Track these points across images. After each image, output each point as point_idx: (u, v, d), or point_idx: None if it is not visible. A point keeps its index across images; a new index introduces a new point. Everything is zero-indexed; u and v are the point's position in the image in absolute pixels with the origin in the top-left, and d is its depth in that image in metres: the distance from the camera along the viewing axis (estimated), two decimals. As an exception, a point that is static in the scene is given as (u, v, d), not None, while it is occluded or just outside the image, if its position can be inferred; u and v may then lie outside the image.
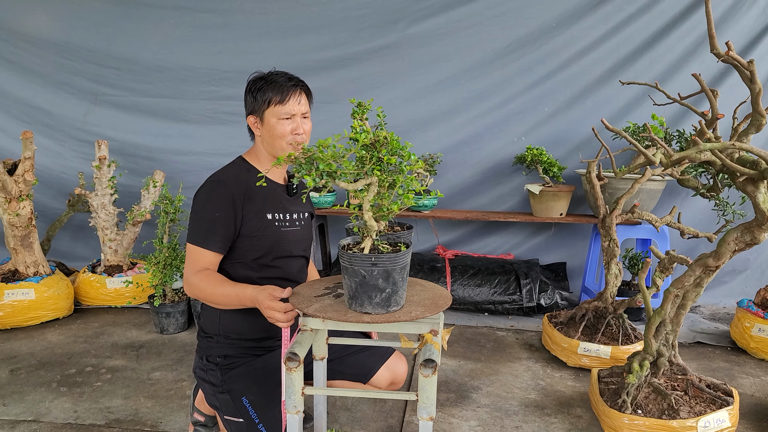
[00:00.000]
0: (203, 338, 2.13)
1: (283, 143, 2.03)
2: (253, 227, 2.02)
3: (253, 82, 2.06)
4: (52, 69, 4.56)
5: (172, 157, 4.62)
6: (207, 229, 1.97)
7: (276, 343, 2.14)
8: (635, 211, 3.26)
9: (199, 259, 1.97)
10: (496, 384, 3.04)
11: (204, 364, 2.10)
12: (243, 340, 2.08)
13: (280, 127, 2.01)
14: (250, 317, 2.04)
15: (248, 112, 2.09)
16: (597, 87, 4.21)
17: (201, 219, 1.99)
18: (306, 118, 2.09)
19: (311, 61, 4.38)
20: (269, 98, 2.01)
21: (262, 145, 2.10)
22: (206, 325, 2.12)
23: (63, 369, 3.14)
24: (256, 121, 2.07)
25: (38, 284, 3.73)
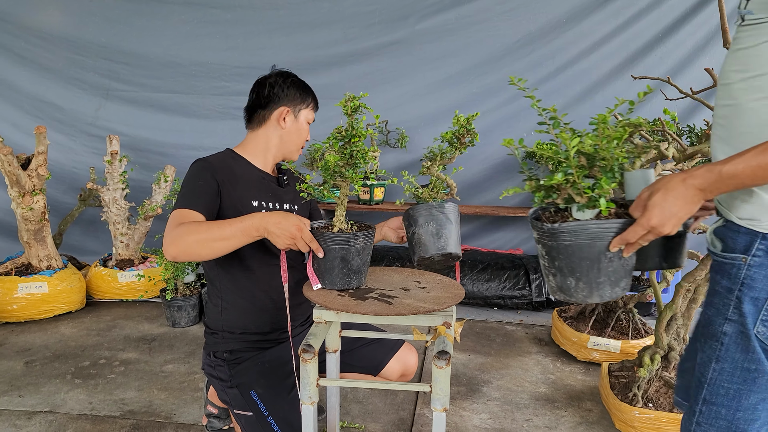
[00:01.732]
0: (209, 334, 2.12)
1: (299, 146, 2.09)
2: (237, 213, 1.92)
3: (291, 77, 2.06)
4: (64, 65, 4.59)
5: (183, 152, 4.65)
6: (191, 194, 1.87)
7: (282, 336, 2.13)
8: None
9: (182, 218, 1.78)
10: (506, 378, 3.06)
11: (211, 361, 2.09)
12: (248, 334, 2.08)
13: (305, 130, 2.08)
14: (253, 311, 2.05)
15: (279, 103, 2.01)
16: (607, 82, 4.21)
17: (185, 188, 1.90)
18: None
19: (322, 57, 4.40)
20: (310, 100, 2.06)
21: (275, 138, 2.06)
22: (210, 321, 2.11)
23: (77, 361, 3.17)
24: (286, 114, 2.02)
25: (51, 278, 3.76)
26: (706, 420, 1.31)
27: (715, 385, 1.29)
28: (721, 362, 1.27)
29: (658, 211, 1.17)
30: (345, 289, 1.70)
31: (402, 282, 1.84)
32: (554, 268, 1.30)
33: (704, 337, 1.32)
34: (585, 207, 1.25)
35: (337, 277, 1.67)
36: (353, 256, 1.65)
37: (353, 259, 1.65)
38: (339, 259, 1.64)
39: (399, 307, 1.60)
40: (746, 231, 1.23)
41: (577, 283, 1.27)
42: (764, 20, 1.15)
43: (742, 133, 1.21)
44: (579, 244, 1.23)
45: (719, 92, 1.30)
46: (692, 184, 1.15)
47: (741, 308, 1.23)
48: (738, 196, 1.24)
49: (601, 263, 1.24)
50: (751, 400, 1.25)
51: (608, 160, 1.25)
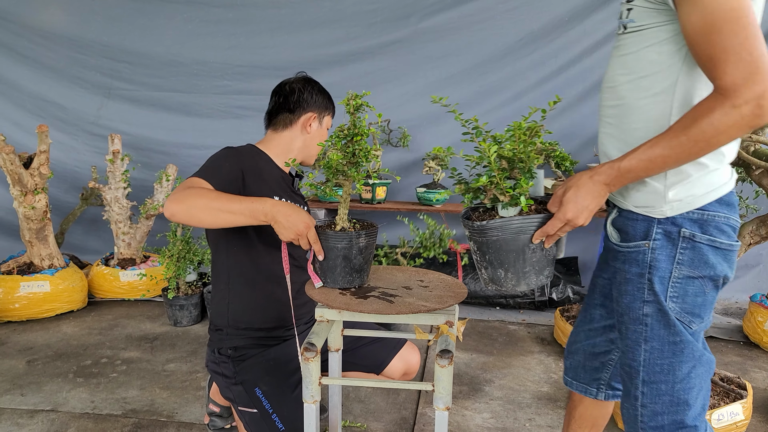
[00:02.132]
0: (214, 331, 2.14)
1: (316, 152, 2.14)
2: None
3: (318, 85, 2.13)
4: (66, 64, 4.59)
5: (185, 151, 4.65)
6: (211, 170, 1.87)
7: (287, 333, 2.14)
8: (648, 205, 3.25)
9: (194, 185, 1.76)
10: (508, 377, 3.05)
11: (216, 357, 2.10)
12: (253, 330, 2.08)
13: (325, 136, 2.14)
14: (260, 305, 2.06)
15: (307, 109, 2.08)
16: (609, 81, 4.20)
17: (208, 164, 1.91)
18: None
19: (324, 55, 4.39)
20: (332, 108, 2.15)
21: (296, 142, 2.10)
22: (215, 316, 2.12)
23: (79, 360, 3.17)
24: (313, 119, 2.09)
25: (53, 277, 3.77)
26: (650, 400, 1.42)
27: (650, 364, 1.40)
28: (650, 342, 1.39)
29: (572, 206, 1.31)
30: (347, 288, 1.69)
31: (405, 281, 1.84)
32: (485, 262, 1.43)
33: (625, 325, 1.44)
34: (508, 205, 1.37)
35: (339, 276, 1.67)
36: (355, 255, 1.64)
37: (355, 257, 1.65)
38: (341, 257, 1.63)
39: (401, 305, 1.59)
40: (643, 218, 1.37)
41: (506, 274, 1.40)
42: (646, 27, 1.30)
43: (633, 129, 1.35)
44: (505, 239, 1.36)
45: (605, 94, 1.46)
46: (599, 180, 1.30)
47: (654, 289, 1.37)
48: (632, 187, 1.38)
49: (526, 254, 1.37)
50: (684, 369, 1.38)
51: (526, 162, 1.38)
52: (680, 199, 1.33)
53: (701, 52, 1.18)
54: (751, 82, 1.11)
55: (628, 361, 1.45)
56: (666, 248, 1.35)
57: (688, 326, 1.37)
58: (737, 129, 1.15)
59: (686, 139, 1.19)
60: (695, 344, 1.39)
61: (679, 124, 1.21)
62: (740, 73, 1.12)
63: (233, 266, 2.04)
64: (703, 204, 1.32)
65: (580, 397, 1.83)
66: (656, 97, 1.32)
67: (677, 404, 1.40)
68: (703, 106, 1.18)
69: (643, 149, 1.25)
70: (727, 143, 1.19)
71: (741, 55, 1.12)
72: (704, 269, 1.35)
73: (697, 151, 1.20)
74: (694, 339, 1.38)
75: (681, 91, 1.28)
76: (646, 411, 1.43)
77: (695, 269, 1.35)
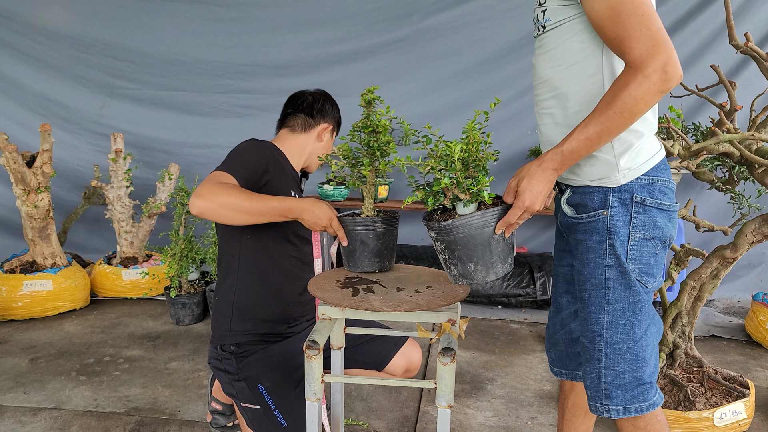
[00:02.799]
0: (216, 327, 2.14)
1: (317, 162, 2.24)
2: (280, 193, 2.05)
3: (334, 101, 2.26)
4: (69, 62, 4.60)
5: (187, 150, 4.65)
6: (239, 163, 1.91)
7: (289, 330, 2.16)
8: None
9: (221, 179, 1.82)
10: (510, 375, 3.06)
11: (219, 354, 2.10)
12: (257, 322, 2.09)
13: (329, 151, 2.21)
14: (266, 296, 2.08)
15: (326, 119, 2.20)
16: (611, 80, 4.20)
17: (235, 156, 1.95)
18: None
19: (326, 54, 4.39)
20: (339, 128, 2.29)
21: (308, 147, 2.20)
22: (220, 304, 2.12)
23: (81, 358, 3.18)
24: (328, 130, 2.22)
25: (56, 275, 3.77)
26: (613, 360, 1.52)
27: (612, 325, 1.51)
28: (612, 304, 1.50)
29: (528, 194, 1.41)
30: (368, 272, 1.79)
31: (406, 278, 1.84)
32: (455, 259, 1.51)
33: (587, 292, 1.55)
34: (468, 202, 1.46)
35: (359, 260, 1.77)
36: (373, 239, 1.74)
37: (373, 242, 1.75)
38: (359, 242, 1.75)
39: (400, 303, 1.60)
40: (600, 189, 1.49)
41: (475, 267, 1.49)
42: (562, 22, 1.46)
43: (575, 113, 1.48)
44: (471, 234, 1.44)
45: (540, 90, 1.61)
46: (547, 167, 1.41)
47: (615, 253, 1.48)
48: (585, 164, 1.50)
49: (491, 246, 1.46)
50: (642, 328, 1.51)
51: (481, 160, 1.47)
52: (629, 167, 1.46)
53: (609, 34, 1.33)
54: (654, 52, 1.26)
55: (590, 327, 1.55)
56: (622, 214, 1.47)
57: (645, 285, 1.50)
58: (652, 95, 1.29)
59: (612, 112, 1.31)
60: (650, 304, 1.53)
61: (604, 101, 1.33)
62: (644, 46, 1.26)
63: (244, 254, 2.05)
64: (648, 169, 1.47)
65: (570, 386, 1.89)
66: (588, 80, 1.46)
67: (637, 362, 1.51)
68: (620, 81, 1.30)
69: (579, 130, 1.37)
70: (647, 110, 1.31)
71: (641, 31, 1.27)
72: (655, 231, 1.49)
73: (624, 121, 1.32)
74: (649, 299, 1.52)
75: (608, 69, 1.43)
76: (610, 372, 1.53)
77: (647, 231, 1.48)
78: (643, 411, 1.53)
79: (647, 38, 1.27)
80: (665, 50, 1.26)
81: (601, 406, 1.56)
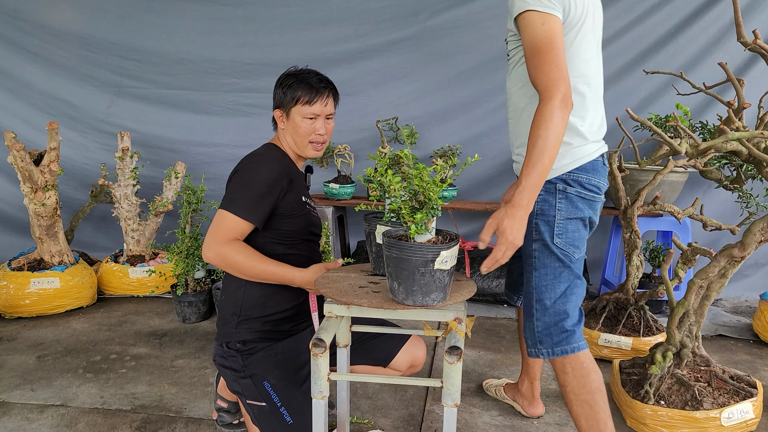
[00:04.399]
0: (222, 324, 2.15)
1: (304, 141, 2.12)
2: (292, 209, 2.08)
3: (285, 78, 2.12)
4: (77, 62, 4.61)
5: (194, 149, 4.66)
6: (254, 203, 1.97)
7: (296, 328, 2.17)
8: (657, 202, 3.24)
9: (232, 230, 1.95)
10: (516, 374, 3.04)
11: (224, 351, 2.11)
12: (263, 323, 2.09)
13: (304, 125, 2.09)
14: (273, 296, 2.09)
15: (276, 106, 2.14)
16: (618, 79, 4.19)
17: (249, 189, 1.99)
18: (330, 119, 2.17)
19: (332, 53, 4.39)
20: (298, 97, 2.07)
21: (285, 137, 2.17)
22: (227, 303, 2.13)
23: (88, 356, 3.19)
24: (282, 115, 2.13)
25: (63, 273, 3.79)
26: (540, 314, 1.94)
27: (539, 286, 1.93)
28: (538, 269, 1.93)
29: (510, 231, 1.64)
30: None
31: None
32: (388, 271, 1.59)
33: (525, 260, 1.98)
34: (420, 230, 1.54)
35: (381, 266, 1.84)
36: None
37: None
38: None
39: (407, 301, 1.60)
40: None
41: (398, 287, 1.56)
42: (516, 50, 1.90)
43: (524, 124, 1.89)
44: (401, 258, 1.52)
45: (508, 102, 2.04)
46: (522, 207, 1.66)
47: (539, 229, 1.90)
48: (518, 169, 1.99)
49: (416, 275, 1.52)
50: (561, 287, 1.91)
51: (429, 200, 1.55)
52: (554, 168, 1.85)
53: (530, 67, 1.70)
54: (557, 86, 1.62)
55: (528, 289, 1.97)
56: (548, 200, 1.88)
57: (571, 255, 1.91)
58: (562, 118, 1.63)
59: (546, 142, 1.62)
60: (573, 270, 1.92)
61: (534, 134, 1.64)
62: (551, 80, 1.63)
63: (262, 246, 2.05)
64: (571, 169, 1.86)
65: None
66: (533, 98, 1.81)
67: (560, 314, 1.91)
68: (540, 113, 1.64)
69: (531, 165, 1.65)
70: (564, 129, 1.65)
71: (551, 68, 1.64)
72: (576, 213, 1.89)
73: (555, 143, 1.63)
74: (573, 266, 1.92)
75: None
76: (540, 323, 1.94)
77: (570, 213, 1.89)
78: (568, 353, 1.91)
79: (554, 75, 1.63)
80: (565, 84, 1.64)
81: (536, 350, 1.97)
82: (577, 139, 1.87)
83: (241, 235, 1.98)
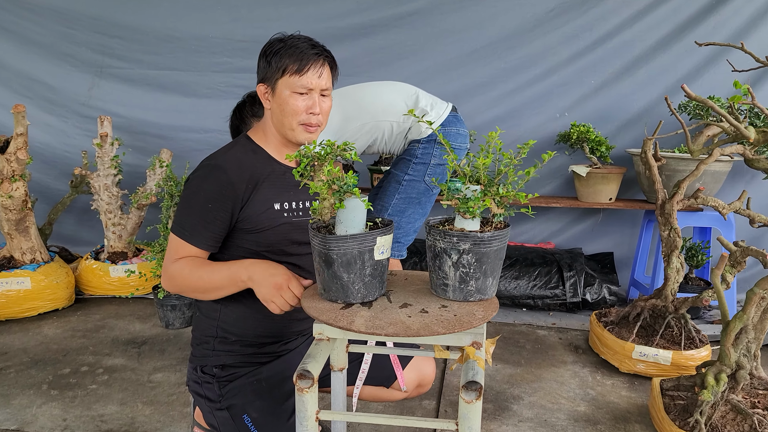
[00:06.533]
0: (197, 345, 1.84)
1: (294, 122, 1.72)
2: (256, 221, 1.70)
3: (270, 45, 1.74)
4: (54, 39, 4.22)
5: (183, 135, 4.28)
6: (196, 222, 1.65)
7: (282, 348, 1.84)
8: (699, 195, 2.85)
9: (180, 252, 1.68)
10: (539, 393, 2.68)
11: (198, 376, 1.80)
12: (244, 345, 1.78)
13: (293, 101, 1.69)
14: (255, 314, 1.75)
15: (259, 79, 1.76)
16: (651, 56, 3.75)
17: (190, 208, 1.67)
18: (325, 96, 1.76)
19: (333, 29, 3.98)
20: (285, 66, 1.68)
21: (271, 120, 1.78)
22: (201, 323, 1.82)
23: (56, 368, 2.84)
24: (266, 90, 1.74)
25: (35, 272, 3.43)
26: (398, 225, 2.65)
27: (394, 206, 2.62)
28: (399, 194, 2.60)
29: None
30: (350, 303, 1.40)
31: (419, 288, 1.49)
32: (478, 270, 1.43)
33: (389, 183, 2.64)
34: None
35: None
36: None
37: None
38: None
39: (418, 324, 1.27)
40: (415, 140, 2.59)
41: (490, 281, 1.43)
42: None
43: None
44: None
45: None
46: None
47: (416, 169, 2.56)
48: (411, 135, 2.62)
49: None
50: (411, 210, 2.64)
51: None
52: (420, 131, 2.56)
53: None
54: None
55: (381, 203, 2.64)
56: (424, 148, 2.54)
57: (433, 188, 2.61)
58: None
59: None
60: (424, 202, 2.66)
61: None
62: None
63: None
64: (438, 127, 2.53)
65: None
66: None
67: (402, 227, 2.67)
68: None
69: None
70: None
71: None
72: (441, 160, 2.53)
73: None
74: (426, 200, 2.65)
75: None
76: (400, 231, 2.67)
77: (437, 159, 2.53)
78: (404, 256, 2.77)
79: None
80: None
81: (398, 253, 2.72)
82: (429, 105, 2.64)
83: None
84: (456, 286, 1.37)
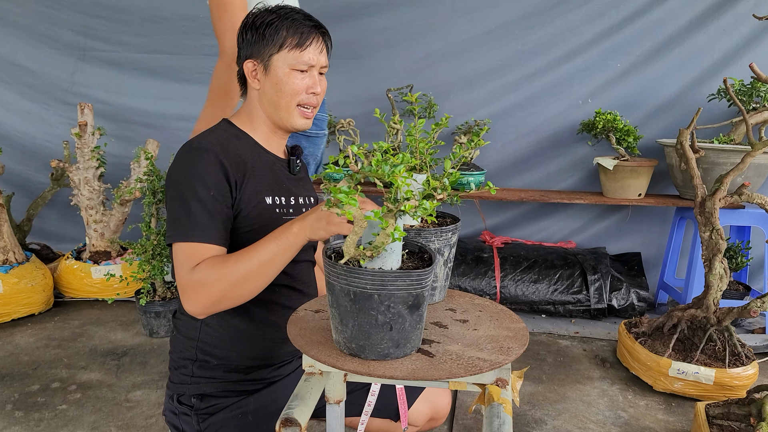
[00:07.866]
0: (174, 369, 1.56)
1: (291, 103, 1.49)
2: (249, 217, 1.43)
3: (259, 16, 1.47)
4: (34, 19, 3.90)
5: (173, 123, 3.97)
6: (199, 217, 1.34)
7: (274, 374, 1.56)
8: (744, 192, 2.51)
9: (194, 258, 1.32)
10: (564, 415, 2.37)
11: (175, 407, 1.53)
12: (227, 371, 1.51)
13: (293, 80, 1.47)
14: (239, 336, 1.49)
15: (246, 56, 1.50)
16: (684, 36, 3.41)
17: (186, 203, 1.35)
18: (323, 75, 1.56)
19: (333, 7, 3.64)
20: (284, 40, 1.45)
21: (260, 102, 1.52)
22: (180, 344, 1.54)
23: (24, 384, 2.55)
24: (256, 67, 1.49)
25: (7, 275, 3.13)
26: None
27: None
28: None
29: None
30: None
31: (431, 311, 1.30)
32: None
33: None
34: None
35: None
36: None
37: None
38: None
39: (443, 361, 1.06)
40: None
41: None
42: None
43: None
44: None
45: None
46: None
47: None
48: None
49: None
50: None
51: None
52: None
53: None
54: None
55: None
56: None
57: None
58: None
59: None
60: None
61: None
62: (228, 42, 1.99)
63: None
64: None
65: None
66: None
67: None
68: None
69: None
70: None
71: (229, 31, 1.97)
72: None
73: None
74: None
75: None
76: None
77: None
78: None
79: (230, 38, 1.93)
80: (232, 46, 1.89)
81: None
82: None
83: None
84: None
